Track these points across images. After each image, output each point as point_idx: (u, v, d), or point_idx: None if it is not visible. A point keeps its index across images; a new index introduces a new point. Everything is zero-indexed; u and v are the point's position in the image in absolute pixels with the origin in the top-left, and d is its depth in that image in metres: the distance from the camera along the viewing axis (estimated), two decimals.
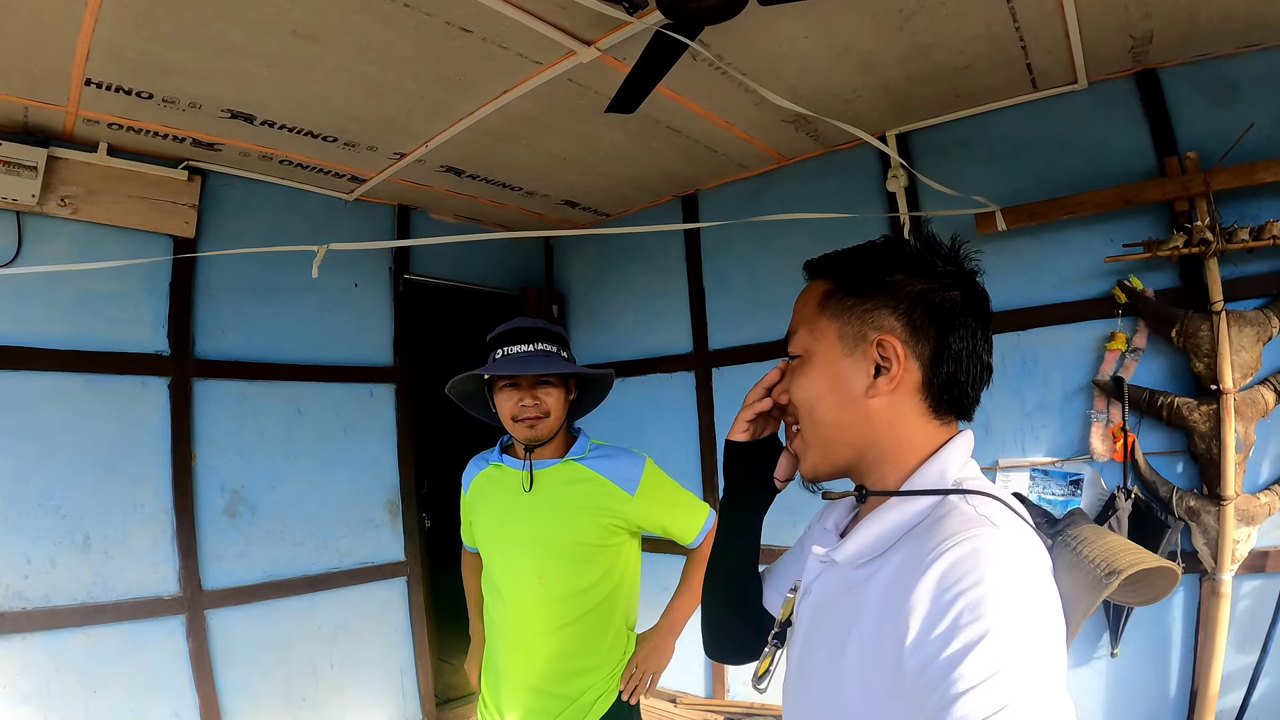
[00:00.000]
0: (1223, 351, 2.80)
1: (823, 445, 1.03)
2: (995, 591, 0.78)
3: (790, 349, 1.08)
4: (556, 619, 2.12)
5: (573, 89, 3.00)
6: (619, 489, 2.15)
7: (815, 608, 1.03)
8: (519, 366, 2.06)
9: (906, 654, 0.81)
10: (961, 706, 0.72)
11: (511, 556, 2.17)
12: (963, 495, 0.94)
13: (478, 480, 2.32)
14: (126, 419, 3.31)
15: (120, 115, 3.06)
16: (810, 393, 1.03)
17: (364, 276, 4.15)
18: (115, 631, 3.18)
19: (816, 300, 1.06)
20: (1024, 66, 3.04)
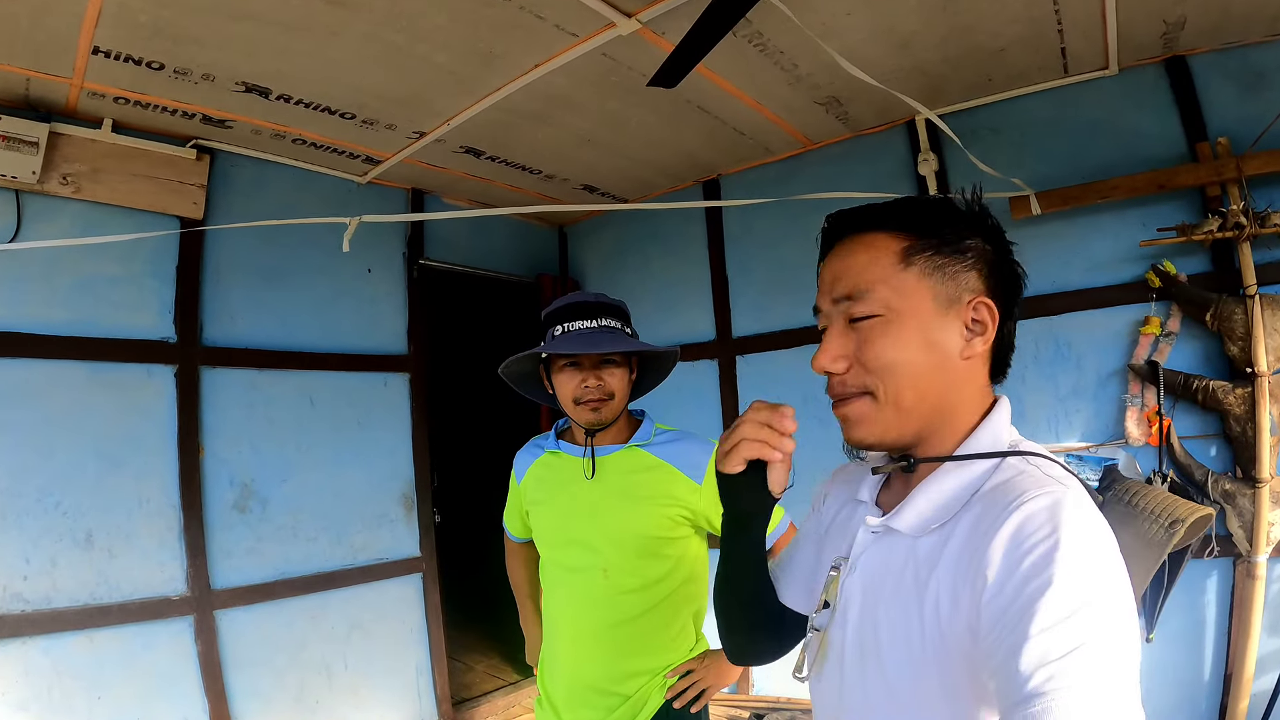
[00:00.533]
0: (1257, 335, 2.82)
1: (905, 408, 0.99)
2: (1072, 540, 0.79)
3: (859, 309, 1.00)
4: (621, 613, 2.01)
5: (606, 64, 2.92)
6: (687, 478, 2.00)
7: (870, 580, 1.01)
8: (583, 344, 1.91)
9: (984, 605, 0.81)
10: (1037, 645, 0.73)
11: (573, 549, 2.04)
12: (1023, 457, 0.96)
13: (534, 469, 2.18)
14: (130, 409, 3.14)
15: (128, 88, 2.91)
16: (902, 354, 0.98)
17: (377, 262, 4.02)
18: (120, 634, 3.01)
19: (896, 255, 1.01)
20: (1058, 51, 3.05)
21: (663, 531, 1.99)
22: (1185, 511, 1.48)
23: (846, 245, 1.05)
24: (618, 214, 4.85)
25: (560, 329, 1.95)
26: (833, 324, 1.04)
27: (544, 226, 5.14)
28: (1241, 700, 2.84)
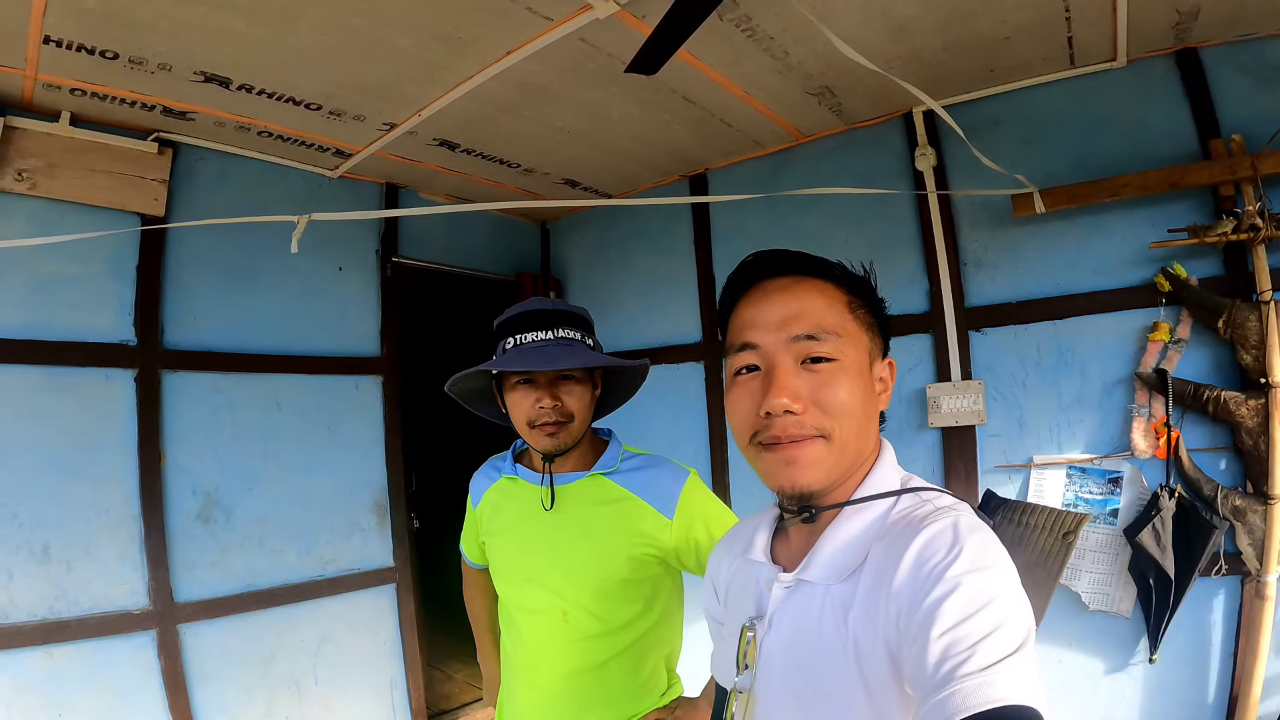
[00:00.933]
0: (1272, 343, 2.67)
1: (850, 454, 1.03)
2: (971, 551, 0.86)
3: (821, 350, 1.02)
4: (582, 661, 1.83)
5: (584, 50, 2.75)
6: (656, 512, 1.81)
7: (792, 634, 1.02)
8: (537, 360, 1.71)
9: (899, 626, 0.86)
10: (946, 641, 0.78)
11: (530, 588, 1.86)
12: (914, 493, 1.03)
13: (490, 495, 2.01)
14: (89, 416, 3.01)
15: (83, 79, 2.77)
16: (853, 400, 1.01)
17: (349, 260, 3.87)
18: (80, 649, 2.89)
19: (844, 307, 1.06)
20: (1065, 40, 2.88)
21: (629, 573, 1.80)
22: (1071, 523, 1.55)
23: (793, 285, 1.07)
24: (602, 210, 4.69)
25: (512, 341, 1.77)
26: (780, 362, 1.02)
27: (525, 222, 4.97)
28: None
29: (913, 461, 3.45)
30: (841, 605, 0.96)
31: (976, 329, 3.33)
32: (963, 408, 3.30)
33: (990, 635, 0.77)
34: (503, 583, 1.94)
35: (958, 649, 0.76)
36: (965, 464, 3.32)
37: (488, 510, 2.00)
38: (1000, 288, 3.29)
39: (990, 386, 3.29)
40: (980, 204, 3.32)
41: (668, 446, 4.30)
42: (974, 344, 3.34)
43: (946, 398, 3.33)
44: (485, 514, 2.01)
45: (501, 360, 1.75)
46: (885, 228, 3.56)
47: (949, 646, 0.77)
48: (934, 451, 3.43)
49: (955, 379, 3.34)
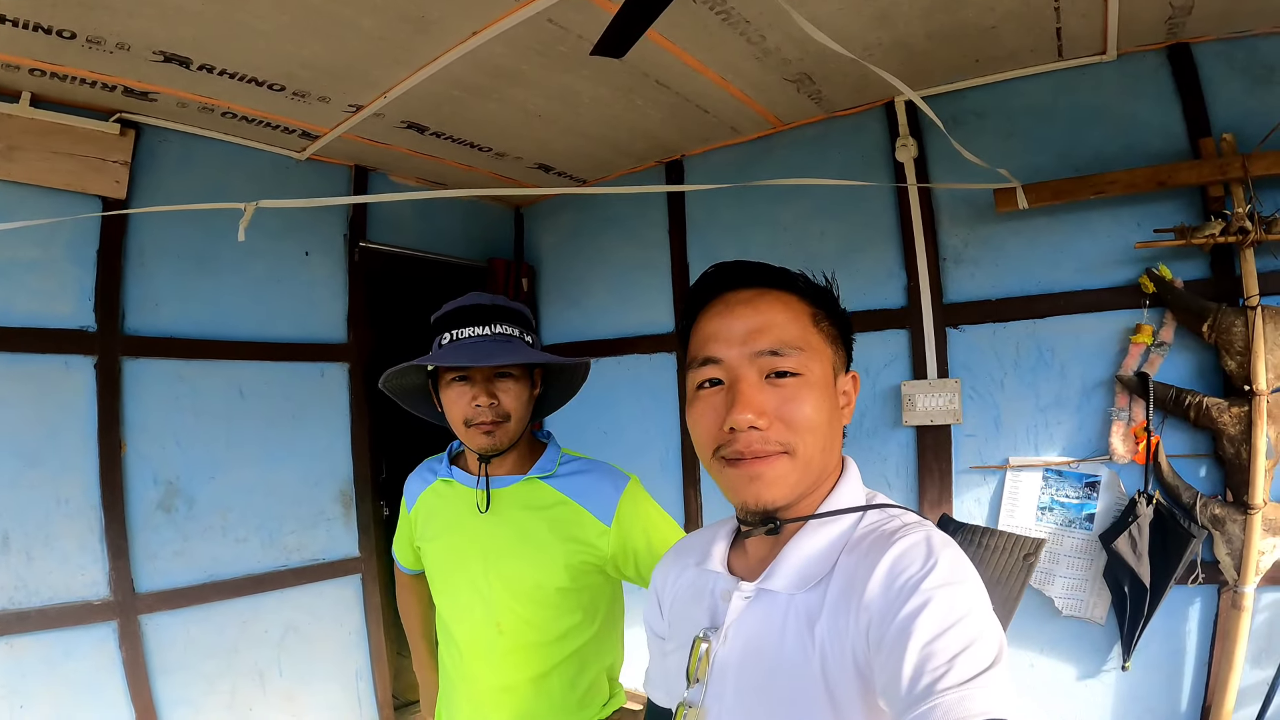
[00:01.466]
0: (1257, 350, 2.62)
1: (813, 469, 1.01)
2: (945, 565, 0.86)
3: (785, 364, 1.00)
4: (520, 672, 1.78)
5: (552, 32, 2.65)
6: (594, 518, 1.77)
7: (750, 645, 1.00)
8: (472, 355, 1.66)
9: (870, 639, 0.85)
10: (922, 656, 0.76)
11: (464, 596, 1.81)
12: (881, 509, 1.03)
13: (425, 497, 1.95)
14: (48, 404, 2.95)
15: (42, 59, 2.68)
16: (818, 415, 0.99)
17: (316, 244, 3.78)
18: (41, 641, 2.85)
19: (808, 320, 1.04)
20: (1053, 31, 2.79)
21: (567, 581, 1.75)
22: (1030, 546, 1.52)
23: (756, 298, 1.04)
24: (576, 195, 4.59)
25: (449, 336, 1.73)
26: (744, 376, 1.00)
27: (499, 207, 4.87)
28: None
29: (886, 460, 3.41)
30: (807, 616, 0.95)
31: (954, 326, 3.26)
32: (938, 406, 3.24)
33: (967, 649, 0.76)
34: (437, 590, 1.90)
35: (935, 662, 0.75)
36: (940, 464, 3.27)
37: (422, 514, 1.95)
38: (980, 284, 3.22)
39: (967, 385, 3.23)
40: (962, 198, 3.23)
41: (639, 437, 4.29)
42: (951, 341, 3.27)
43: (922, 396, 3.27)
44: (420, 518, 1.96)
45: (437, 355, 1.70)
46: (864, 220, 3.48)
47: (925, 660, 0.76)
48: (908, 450, 3.38)
49: (931, 376, 3.28)
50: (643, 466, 4.22)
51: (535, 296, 4.83)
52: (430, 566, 1.92)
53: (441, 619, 1.90)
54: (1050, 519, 3.03)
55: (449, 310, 1.77)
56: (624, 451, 4.34)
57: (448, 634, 1.88)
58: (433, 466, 1.97)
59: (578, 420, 4.52)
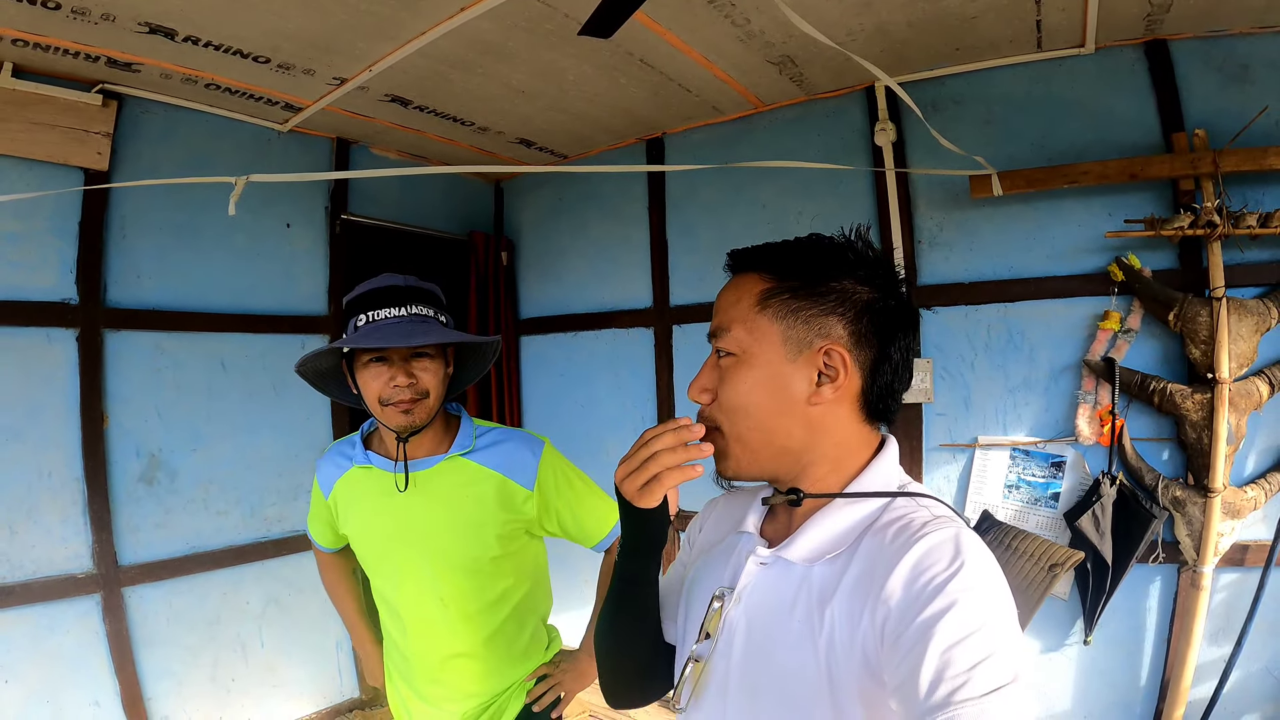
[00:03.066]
0: (1221, 339, 2.69)
1: (753, 448, 1.02)
2: (971, 569, 0.84)
3: (720, 345, 1.04)
4: (468, 639, 1.87)
5: (539, 10, 2.65)
6: (517, 485, 1.85)
7: (759, 610, 1.01)
8: (392, 336, 1.67)
9: (885, 632, 0.84)
10: (942, 662, 0.76)
11: (403, 576, 1.86)
12: (912, 498, 1.00)
13: (341, 485, 1.94)
14: (29, 377, 2.93)
15: (25, 30, 2.64)
16: (747, 397, 1.00)
17: (297, 216, 3.76)
18: (24, 615, 2.87)
19: (754, 297, 1.03)
20: (1033, 23, 2.82)
21: (499, 550, 1.84)
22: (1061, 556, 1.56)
23: (728, 284, 1.09)
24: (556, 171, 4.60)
25: (364, 318, 1.73)
26: (709, 357, 1.07)
27: (480, 181, 4.86)
28: (1177, 708, 2.79)
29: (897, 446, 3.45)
30: (820, 593, 0.95)
31: (927, 307, 3.32)
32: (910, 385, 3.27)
33: (987, 660, 0.76)
34: (374, 572, 1.92)
35: (954, 670, 0.76)
36: (911, 441, 3.34)
37: (342, 501, 1.95)
38: (954, 267, 3.28)
39: (939, 365, 3.30)
40: (938, 183, 3.28)
41: (616, 410, 4.34)
42: (925, 322, 3.32)
43: None
44: (340, 505, 1.96)
45: (355, 338, 1.69)
46: (841, 202, 3.52)
47: (944, 666, 0.76)
48: None
49: None
50: (619, 438, 4.30)
51: (515, 270, 4.84)
52: (362, 551, 1.93)
53: (382, 597, 1.93)
54: (1017, 497, 3.12)
55: (364, 292, 1.77)
56: (601, 423, 4.41)
57: (391, 611, 1.92)
58: (346, 452, 1.96)
59: (556, 392, 4.57)
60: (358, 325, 1.73)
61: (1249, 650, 2.68)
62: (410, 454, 1.82)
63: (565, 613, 4.56)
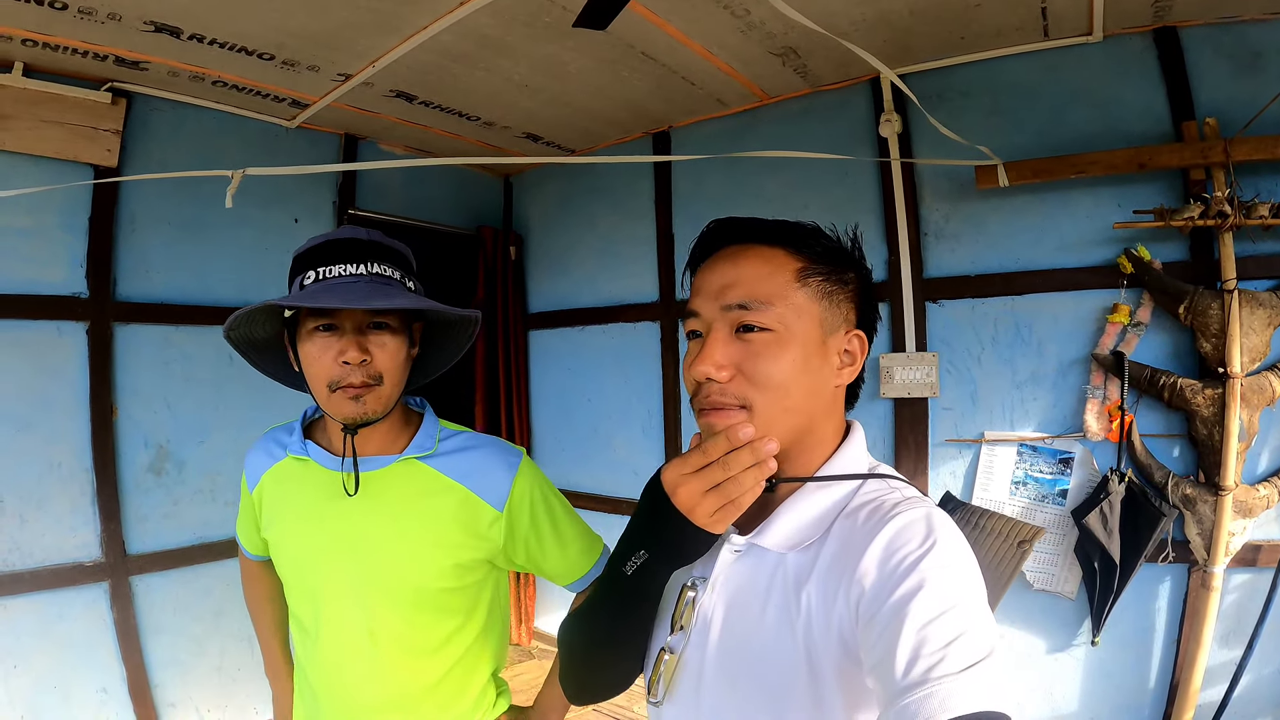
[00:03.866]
0: (1233, 333, 2.62)
1: (780, 428, 0.97)
2: (944, 547, 0.85)
3: (753, 319, 0.97)
4: (400, 688, 1.49)
5: (538, 3, 2.65)
6: (483, 503, 1.49)
7: (734, 599, 1.01)
8: (345, 296, 1.32)
9: (860, 612, 0.85)
10: (917, 639, 0.76)
11: (327, 599, 1.48)
12: (883, 480, 1.02)
13: (270, 477, 1.57)
14: (40, 369, 3.00)
15: (34, 30, 2.69)
16: (788, 372, 0.97)
17: (304, 211, 3.79)
18: (34, 602, 2.93)
19: (792, 273, 1.00)
20: (1039, 11, 2.77)
21: (453, 580, 1.49)
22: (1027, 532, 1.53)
23: (739, 253, 1.03)
24: (564, 165, 4.58)
25: (314, 275, 1.37)
26: (715, 330, 1.00)
27: (488, 175, 4.87)
28: (1186, 712, 2.73)
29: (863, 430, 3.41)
30: (795, 578, 0.95)
31: (934, 300, 3.28)
32: (916, 379, 3.26)
33: (962, 636, 0.76)
34: (292, 590, 1.55)
35: (930, 647, 0.75)
36: (916, 436, 3.30)
37: (268, 497, 1.57)
38: (960, 260, 3.23)
39: (945, 359, 3.25)
40: (944, 174, 3.23)
41: (623, 404, 4.33)
42: (930, 315, 3.29)
43: (900, 368, 3.29)
44: (264, 503, 1.58)
45: (300, 295, 1.36)
46: (847, 194, 3.49)
47: (920, 644, 0.76)
48: (885, 422, 3.41)
49: (910, 350, 3.30)
50: (626, 432, 4.30)
51: (523, 264, 4.85)
52: (282, 562, 1.55)
53: (299, 623, 1.55)
54: (1024, 494, 3.06)
55: (317, 244, 1.43)
56: (608, 417, 4.41)
57: (308, 641, 1.52)
58: (280, 439, 1.61)
59: (564, 387, 4.58)
60: (304, 284, 1.38)
61: (1260, 653, 2.61)
62: (359, 450, 1.47)
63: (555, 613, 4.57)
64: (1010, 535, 1.49)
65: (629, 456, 4.32)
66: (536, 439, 4.81)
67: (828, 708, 0.90)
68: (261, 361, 1.58)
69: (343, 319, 1.37)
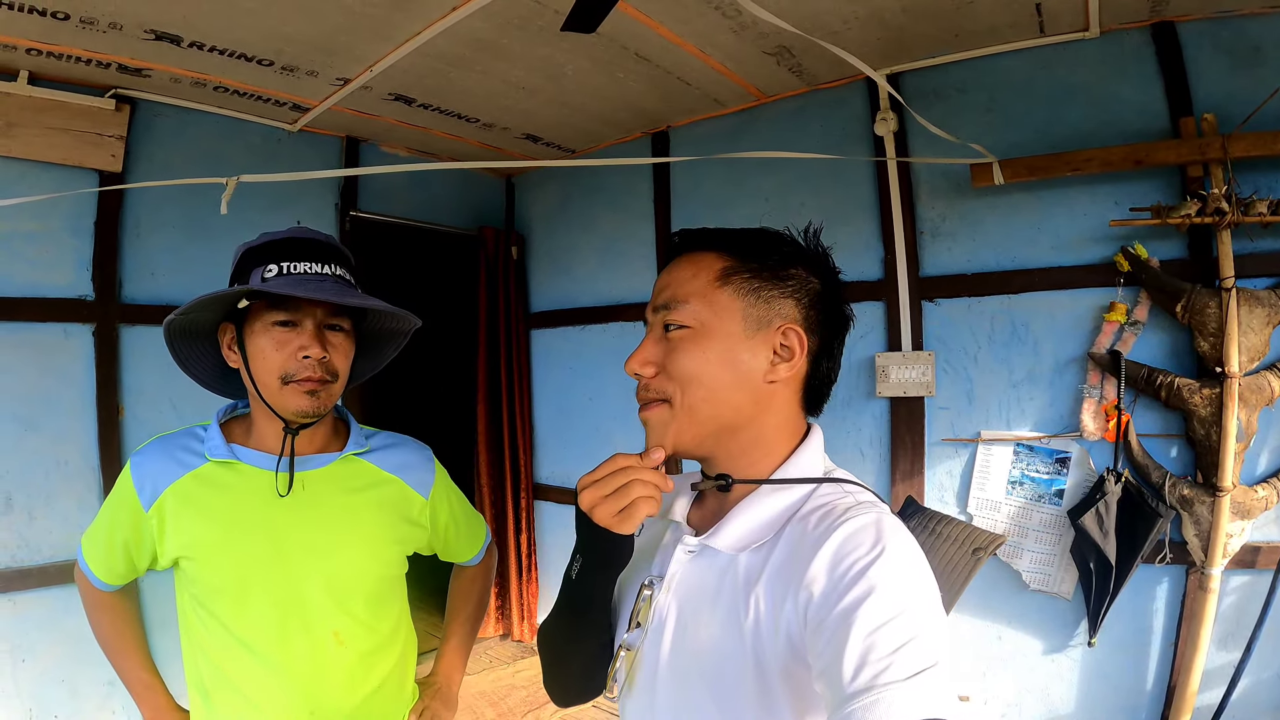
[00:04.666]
0: (1230, 332, 2.59)
1: (701, 420, 1.02)
2: (893, 553, 0.85)
3: (673, 318, 1.03)
4: (365, 684, 1.51)
5: (529, 6, 2.67)
6: (414, 492, 1.61)
7: (687, 598, 1.04)
8: (321, 291, 1.34)
9: (809, 616, 0.85)
10: (865, 645, 0.77)
11: (285, 611, 1.43)
12: (837, 484, 1.03)
13: (180, 490, 1.44)
14: (47, 371, 3.07)
15: (38, 39, 2.75)
16: (704, 367, 1.00)
17: (307, 214, 3.82)
18: (42, 597, 3.00)
19: (714, 274, 1.04)
20: (1034, 7, 2.74)
21: (397, 567, 1.59)
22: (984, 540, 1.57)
23: (678, 260, 1.09)
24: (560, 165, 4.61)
25: (275, 269, 1.37)
26: (649, 331, 1.08)
27: (489, 176, 4.89)
28: (1184, 715, 2.70)
29: (860, 431, 3.43)
30: (745, 579, 0.97)
31: (930, 299, 3.26)
32: (912, 378, 3.25)
33: (910, 643, 0.77)
34: (232, 611, 1.43)
35: (877, 654, 0.76)
36: (913, 435, 3.28)
37: (177, 514, 1.44)
38: (956, 258, 3.21)
39: (941, 358, 3.23)
40: (940, 172, 3.21)
41: (622, 403, 4.34)
42: (926, 314, 3.28)
43: (896, 367, 3.28)
44: (172, 519, 1.44)
45: (278, 283, 1.35)
46: (843, 193, 3.47)
47: (868, 651, 0.76)
48: (882, 421, 3.39)
49: (906, 349, 3.28)
50: (627, 432, 4.30)
51: (525, 264, 4.87)
52: (213, 579, 1.44)
53: (240, 643, 1.44)
54: (1020, 493, 3.04)
55: (277, 239, 1.43)
56: (608, 415, 4.44)
57: (255, 660, 1.44)
58: (188, 445, 1.50)
59: (565, 385, 4.62)
60: (266, 276, 1.37)
61: (1259, 656, 2.58)
62: (299, 449, 1.49)
63: None
64: (966, 542, 1.49)
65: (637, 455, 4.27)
66: (539, 438, 4.84)
67: (775, 709, 0.91)
68: (184, 353, 1.54)
69: (304, 316, 1.39)
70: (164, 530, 1.45)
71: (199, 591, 1.45)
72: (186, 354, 1.55)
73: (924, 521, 1.62)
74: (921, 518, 1.62)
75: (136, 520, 1.46)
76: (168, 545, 1.45)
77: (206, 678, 1.48)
